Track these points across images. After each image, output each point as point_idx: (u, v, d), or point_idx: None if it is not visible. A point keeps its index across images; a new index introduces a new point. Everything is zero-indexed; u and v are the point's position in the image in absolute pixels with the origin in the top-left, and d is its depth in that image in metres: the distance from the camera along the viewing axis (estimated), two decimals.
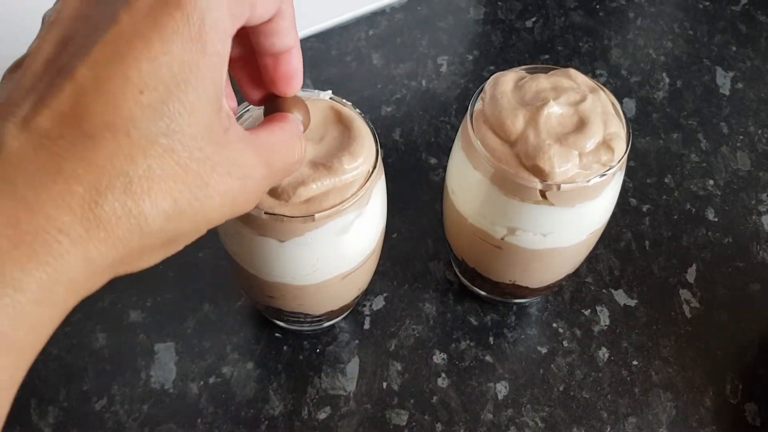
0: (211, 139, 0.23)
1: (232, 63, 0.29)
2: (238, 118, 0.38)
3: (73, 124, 0.20)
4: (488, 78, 0.40)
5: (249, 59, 0.30)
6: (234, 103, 0.29)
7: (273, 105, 0.30)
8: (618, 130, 0.37)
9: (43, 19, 0.23)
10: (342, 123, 0.36)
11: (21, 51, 0.24)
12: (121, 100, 0.21)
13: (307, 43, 0.62)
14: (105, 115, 0.21)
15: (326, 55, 0.62)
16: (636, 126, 0.58)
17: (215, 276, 0.48)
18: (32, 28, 0.25)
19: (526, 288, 0.45)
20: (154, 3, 0.21)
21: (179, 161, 0.22)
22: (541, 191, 0.36)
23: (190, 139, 0.22)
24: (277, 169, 0.26)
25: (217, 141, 0.23)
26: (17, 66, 0.23)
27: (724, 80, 0.62)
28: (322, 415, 0.43)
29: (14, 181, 0.19)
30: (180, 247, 0.24)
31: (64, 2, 0.22)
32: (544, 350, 0.46)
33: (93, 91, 0.21)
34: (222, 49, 0.23)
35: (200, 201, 0.23)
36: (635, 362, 0.46)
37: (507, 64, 0.62)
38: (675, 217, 0.53)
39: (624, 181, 0.42)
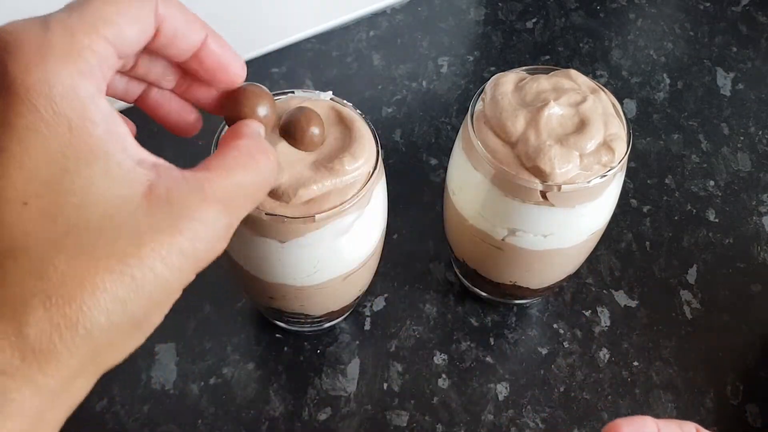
0: (134, 207, 0.20)
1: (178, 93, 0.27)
2: None
3: None
4: (489, 79, 0.40)
5: (186, 79, 0.27)
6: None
7: (229, 109, 0.27)
8: (618, 131, 0.37)
9: None
10: (343, 124, 0.36)
11: None
12: (8, 221, 0.19)
13: (307, 44, 0.62)
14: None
15: (327, 56, 0.62)
16: (636, 127, 0.58)
17: (216, 277, 0.48)
18: None
19: (527, 289, 0.45)
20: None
21: (96, 252, 0.19)
22: (541, 192, 0.36)
23: (106, 221, 0.19)
24: (241, 207, 0.23)
25: (143, 206, 0.20)
26: None
27: (724, 81, 0.62)
28: (322, 416, 0.43)
29: None
30: (157, 321, 0.21)
31: None
32: (544, 351, 0.46)
33: None
34: (92, 113, 0.19)
35: (142, 278, 0.20)
36: (636, 363, 0.46)
37: (507, 65, 0.62)
38: (676, 218, 0.53)
39: (625, 182, 0.42)
